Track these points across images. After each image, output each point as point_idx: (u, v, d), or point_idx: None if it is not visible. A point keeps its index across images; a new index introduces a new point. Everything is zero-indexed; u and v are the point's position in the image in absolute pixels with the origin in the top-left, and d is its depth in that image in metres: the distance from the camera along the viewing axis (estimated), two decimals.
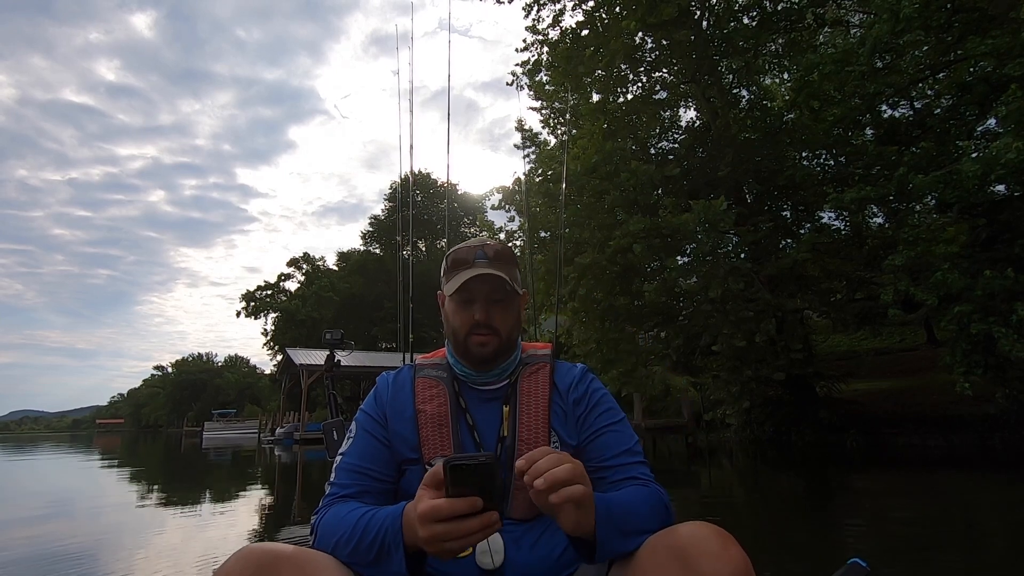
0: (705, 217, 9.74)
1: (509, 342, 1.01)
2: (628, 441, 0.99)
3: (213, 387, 73.26)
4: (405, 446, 0.98)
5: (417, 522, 0.71)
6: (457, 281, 0.97)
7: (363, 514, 0.84)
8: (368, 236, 47.37)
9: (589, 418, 1.01)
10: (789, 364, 10.20)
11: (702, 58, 12.12)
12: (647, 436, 13.69)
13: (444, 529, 0.69)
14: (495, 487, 0.69)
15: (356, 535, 0.81)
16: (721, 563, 0.69)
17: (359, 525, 0.82)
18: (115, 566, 3.58)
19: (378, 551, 0.79)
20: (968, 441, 9.28)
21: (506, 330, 1.00)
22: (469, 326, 0.98)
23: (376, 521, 0.81)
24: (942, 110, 9.92)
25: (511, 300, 1.01)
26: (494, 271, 0.97)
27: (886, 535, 3.75)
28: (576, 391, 1.03)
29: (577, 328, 12.64)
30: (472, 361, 1.00)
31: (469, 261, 1.00)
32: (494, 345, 0.98)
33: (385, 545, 0.78)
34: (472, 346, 0.98)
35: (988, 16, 8.03)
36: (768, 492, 6.62)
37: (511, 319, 1.01)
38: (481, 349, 0.98)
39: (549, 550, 0.91)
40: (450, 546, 0.70)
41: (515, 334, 1.04)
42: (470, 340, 0.98)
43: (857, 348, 17.12)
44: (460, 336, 0.99)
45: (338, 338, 2.64)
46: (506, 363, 1.03)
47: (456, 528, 0.68)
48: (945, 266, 7.30)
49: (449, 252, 1.04)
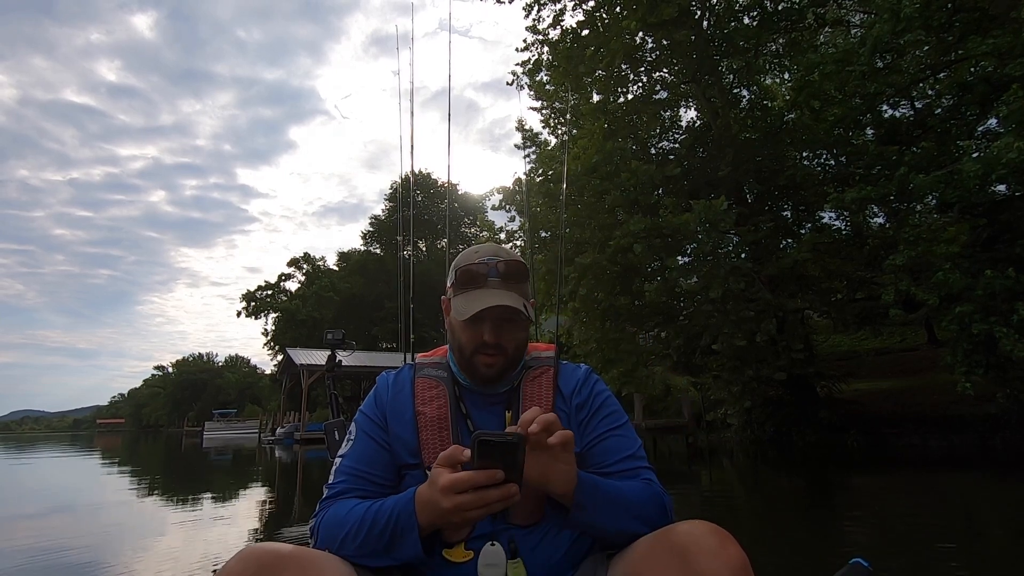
0: (706, 217, 9.74)
1: (515, 359, 1.00)
2: (632, 446, 0.99)
3: (214, 387, 73.31)
4: (405, 450, 0.97)
5: (440, 493, 0.75)
6: (468, 306, 0.94)
7: (371, 504, 0.86)
8: (368, 236, 47.38)
9: (592, 423, 1.00)
10: (790, 364, 10.20)
11: (703, 58, 12.12)
12: (647, 436, 13.67)
13: (467, 499, 0.74)
14: (517, 464, 0.74)
15: (366, 525, 0.83)
16: (719, 561, 0.69)
17: (368, 515, 0.84)
18: (117, 566, 3.59)
19: (391, 536, 0.81)
20: (969, 441, 9.28)
21: (513, 348, 0.98)
22: (476, 345, 0.96)
23: (387, 508, 0.83)
24: (943, 110, 9.91)
25: (522, 319, 0.99)
26: (508, 295, 0.95)
27: (887, 535, 3.75)
28: (580, 395, 1.03)
29: (578, 328, 12.64)
30: (477, 379, 1.00)
31: (481, 280, 0.97)
32: (500, 365, 0.97)
33: (399, 529, 0.81)
34: (479, 366, 0.97)
35: (989, 16, 8.03)
36: (769, 492, 6.62)
37: (520, 337, 1.00)
38: (487, 370, 0.97)
39: (550, 555, 0.90)
40: (472, 515, 0.75)
41: (522, 351, 1.02)
42: (476, 359, 0.97)
43: (858, 348, 17.11)
44: (466, 353, 0.98)
45: (339, 338, 2.65)
46: (510, 375, 1.02)
47: (479, 498, 0.73)
48: (946, 266, 7.29)
49: (458, 262, 1.01)
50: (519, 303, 0.95)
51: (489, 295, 0.95)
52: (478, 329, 0.95)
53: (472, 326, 0.96)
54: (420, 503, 0.80)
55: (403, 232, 6.28)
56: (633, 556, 0.80)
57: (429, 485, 0.79)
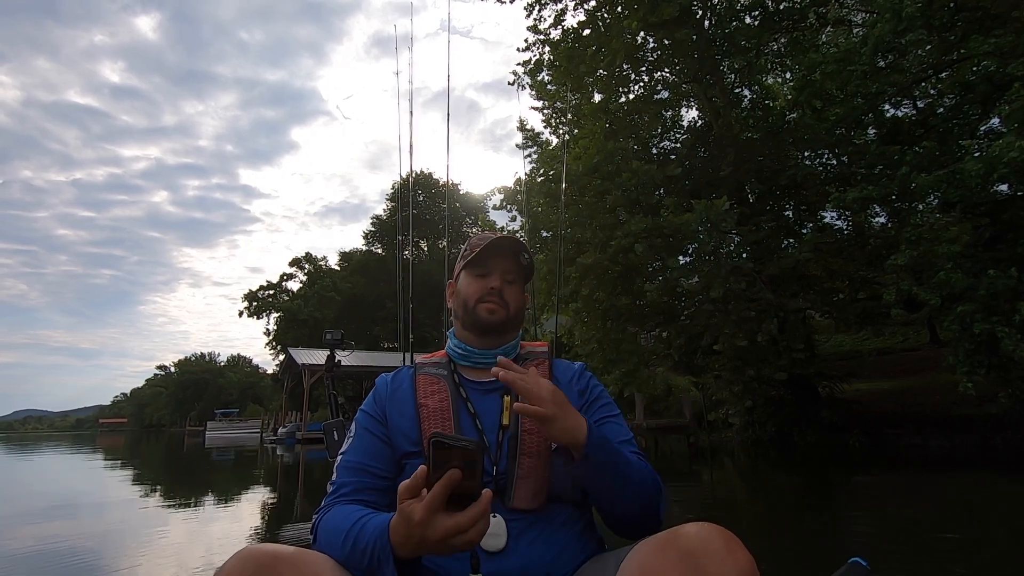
0: (707, 217, 9.73)
1: (515, 319, 1.07)
2: (627, 434, 1.03)
3: (216, 387, 73.44)
4: (405, 440, 0.98)
5: (419, 528, 0.69)
6: (478, 249, 1.05)
7: (355, 521, 0.82)
8: (370, 236, 47.40)
9: (591, 409, 1.05)
10: (791, 364, 10.19)
11: (704, 58, 12.10)
12: (649, 436, 13.68)
13: (449, 524, 0.68)
14: (476, 470, 0.68)
15: (349, 543, 0.81)
16: (727, 566, 0.68)
17: (351, 533, 0.81)
18: (120, 565, 3.60)
19: (369, 561, 0.78)
20: (970, 442, 9.25)
21: (515, 307, 1.06)
22: (482, 293, 1.04)
23: (366, 532, 0.79)
24: (945, 109, 9.89)
25: (521, 284, 1.09)
26: (514, 247, 1.07)
27: (888, 535, 3.75)
28: (579, 383, 1.08)
29: (579, 328, 12.64)
30: (479, 329, 1.05)
31: (488, 239, 1.07)
32: (502, 315, 1.04)
33: (375, 558, 0.77)
34: (481, 312, 1.03)
35: (991, 15, 8.01)
36: (770, 492, 6.61)
37: (519, 300, 1.08)
38: (490, 316, 1.03)
39: (552, 543, 0.91)
40: (457, 541, 0.69)
41: (520, 316, 1.09)
42: (480, 307, 1.04)
43: (859, 348, 17.09)
44: (471, 304, 1.05)
45: (338, 338, 2.65)
46: (508, 344, 1.07)
47: (456, 522, 0.68)
48: (948, 266, 7.28)
49: (469, 239, 1.11)
50: (522, 247, 1.07)
51: (498, 240, 1.06)
52: (483, 281, 1.05)
53: (478, 279, 1.06)
54: (394, 539, 0.73)
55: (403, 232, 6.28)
56: (639, 559, 0.79)
57: (405, 523, 0.71)
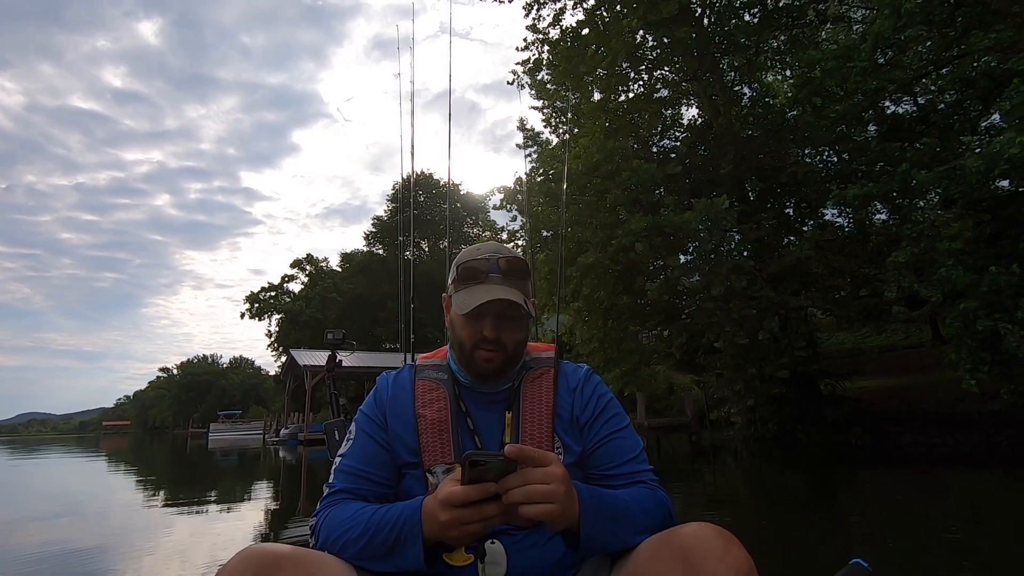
0: (707, 215, 9.72)
1: (515, 356, 1.00)
2: (635, 448, 0.99)
3: (218, 388, 73.56)
4: (405, 450, 0.97)
5: (438, 507, 0.76)
6: (470, 300, 0.94)
7: (377, 509, 0.86)
8: (371, 237, 47.42)
9: (595, 425, 1.00)
10: (793, 362, 10.17)
11: (703, 56, 12.09)
12: (650, 435, 13.68)
13: (464, 513, 0.74)
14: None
15: (370, 530, 0.83)
16: (724, 565, 0.68)
17: (373, 520, 0.83)
18: (126, 565, 3.61)
19: (394, 543, 0.81)
20: (973, 439, 9.23)
21: (513, 345, 0.98)
22: (476, 340, 0.96)
23: (392, 514, 0.83)
24: (945, 105, 9.88)
25: (522, 316, 0.99)
26: (509, 290, 0.95)
27: (889, 534, 3.74)
28: (582, 395, 1.03)
29: (580, 327, 12.64)
30: (476, 375, 1.00)
31: (482, 276, 0.97)
32: (499, 361, 0.97)
33: (402, 537, 0.81)
34: (478, 361, 0.97)
35: (991, 10, 7.99)
36: (772, 490, 6.60)
37: (520, 334, 1.00)
38: (487, 365, 0.97)
39: (549, 555, 0.90)
40: (470, 529, 0.75)
41: (521, 348, 1.02)
42: (476, 354, 0.97)
43: (862, 345, 17.06)
44: (466, 349, 0.98)
45: (339, 339, 2.65)
46: (510, 373, 1.02)
47: (475, 512, 0.74)
48: (950, 262, 7.26)
49: (460, 259, 1.01)
50: (519, 299, 0.95)
51: (490, 290, 0.95)
52: (478, 324, 0.96)
53: (472, 321, 0.96)
54: (426, 514, 0.79)
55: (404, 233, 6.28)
56: (637, 559, 0.79)
57: (434, 497, 0.79)
